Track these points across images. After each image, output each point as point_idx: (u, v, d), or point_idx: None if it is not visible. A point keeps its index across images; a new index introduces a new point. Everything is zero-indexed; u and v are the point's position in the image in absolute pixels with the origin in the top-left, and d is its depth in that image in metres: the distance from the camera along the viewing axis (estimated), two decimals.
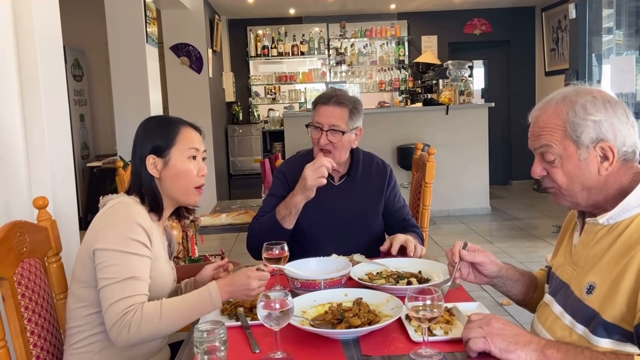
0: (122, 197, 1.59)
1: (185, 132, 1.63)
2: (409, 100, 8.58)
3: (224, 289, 1.46)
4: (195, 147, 1.63)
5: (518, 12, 8.66)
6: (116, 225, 1.49)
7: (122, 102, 5.04)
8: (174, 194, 1.63)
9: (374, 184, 2.21)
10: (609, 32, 4.92)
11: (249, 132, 8.63)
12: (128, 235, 1.47)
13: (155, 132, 1.62)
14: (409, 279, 1.70)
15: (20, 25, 2.15)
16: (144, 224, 1.51)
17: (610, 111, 1.26)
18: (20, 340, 1.44)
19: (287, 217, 2.01)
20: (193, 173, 1.62)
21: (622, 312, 1.17)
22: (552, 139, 1.29)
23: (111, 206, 1.54)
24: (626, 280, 1.17)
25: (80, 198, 6.02)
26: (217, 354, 0.97)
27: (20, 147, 2.10)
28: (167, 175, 1.60)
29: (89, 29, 6.91)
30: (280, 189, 2.18)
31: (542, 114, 1.32)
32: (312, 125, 2.10)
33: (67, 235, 2.17)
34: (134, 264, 1.46)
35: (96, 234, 1.49)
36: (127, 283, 1.43)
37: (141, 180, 1.61)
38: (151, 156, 1.59)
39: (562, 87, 1.36)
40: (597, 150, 1.26)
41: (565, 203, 1.36)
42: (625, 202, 1.24)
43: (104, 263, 1.45)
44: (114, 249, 1.45)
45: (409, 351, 1.27)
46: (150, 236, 1.52)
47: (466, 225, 6.17)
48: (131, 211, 1.52)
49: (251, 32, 8.93)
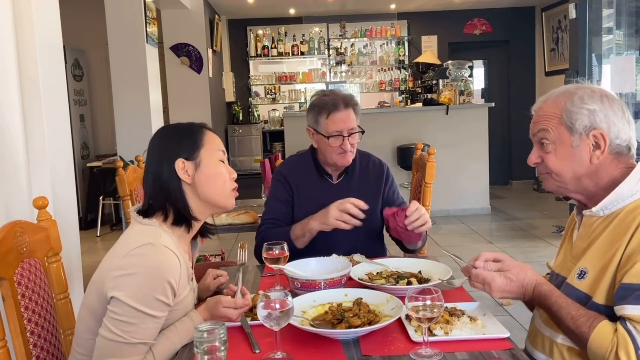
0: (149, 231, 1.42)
1: (209, 134, 1.52)
2: (409, 100, 8.59)
3: (204, 317, 1.45)
4: (222, 149, 1.53)
5: (518, 12, 8.67)
6: (143, 279, 1.33)
7: (122, 102, 5.04)
8: (212, 197, 1.49)
9: (371, 183, 2.22)
10: (609, 32, 4.91)
11: (249, 132, 8.63)
12: (154, 295, 1.33)
13: (178, 136, 1.49)
14: (409, 279, 1.70)
15: (20, 25, 2.15)
16: (174, 279, 1.37)
17: (606, 104, 1.33)
18: (20, 340, 1.44)
19: (301, 239, 2.02)
20: (226, 175, 1.51)
21: (609, 291, 1.24)
22: (549, 124, 1.37)
23: (139, 246, 1.36)
24: (613, 263, 1.24)
25: (80, 198, 6.02)
26: (217, 354, 0.96)
27: (20, 147, 2.10)
28: (200, 179, 1.46)
29: (89, 29, 6.91)
30: (283, 192, 2.19)
31: (543, 105, 1.41)
32: (332, 135, 2.08)
33: (67, 235, 2.17)
34: (148, 327, 1.34)
35: (119, 278, 1.34)
36: (132, 347, 1.33)
37: (168, 191, 1.45)
38: (180, 160, 1.45)
39: (582, 81, 1.42)
40: (589, 138, 1.33)
41: (552, 187, 1.42)
42: (619, 191, 1.30)
43: (117, 315, 1.32)
44: (134, 306, 1.32)
45: (409, 351, 1.27)
46: (177, 289, 1.39)
47: (466, 225, 6.17)
48: (164, 264, 1.36)
49: (251, 32, 8.94)
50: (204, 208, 1.51)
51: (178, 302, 1.43)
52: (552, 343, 1.38)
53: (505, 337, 1.32)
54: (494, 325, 1.37)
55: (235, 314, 1.45)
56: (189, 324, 1.44)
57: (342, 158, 2.11)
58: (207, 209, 1.52)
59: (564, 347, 1.34)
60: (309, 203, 2.12)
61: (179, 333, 1.42)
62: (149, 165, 1.50)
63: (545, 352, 1.40)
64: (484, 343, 1.30)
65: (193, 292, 1.60)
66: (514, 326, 3.08)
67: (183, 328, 1.43)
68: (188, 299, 1.51)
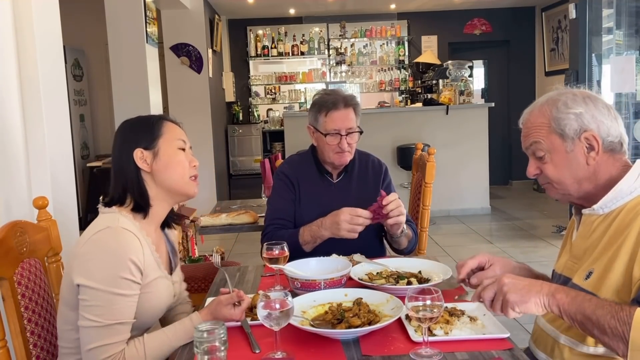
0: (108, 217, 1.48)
1: (168, 124, 1.58)
2: (409, 100, 8.59)
3: (206, 319, 1.45)
4: (182, 138, 1.58)
5: (518, 12, 8.66)
6: (104, 260, 1.39)
7: (122, 102, 5.03)
8: (172, 185, 1.55)
9: (370, 182, 2.23)
10: (609, 32, 4.91)
11: (249, 132, 8.62)
12: (118, 274, 1.38)
13: (137, 128, 1.56)
14: (409, 279, 1.70)
15: (20, 25, 2.15)
16: (136, 257, 1.42)
17: (590, 105, 1.34)
18: (20, 340, 1.44)
19: (310, 244, 2.03)
20: (185, 163, 1.56)
21: (617, 286, 1.23)
22: (539, 135, 1.38)
23: (98, 231, 1.42)
24: (620, 259, 1.23)
25: (80, 198, 6.02)
26: (217, 354, 0.96)
27: (20, 147, 2.10)
28: (158, 167, 1.52)
29: (89, 29, 6.91)
30: (287, 190, 2.20)
31: (529, 117, 1.42)
32: (330, 133, 2.10)
33: (67, 236, 2.17)
34: (120, 306, 1.38)
35: (81, 265, 1.40)
36: (110, 329, 1.36)
37: (125, 179, 1.52)
38: (139, 150, 1.51)
39: (562, 87, 1.41)
40: (582, 141, 1.34)
41: (557, 195, 1.42)
42: (617, 189, 1.30)
43: (88, 302, 1.37)
44: (100, 288, 1.36)
45: (409, 351, 1.27)
46: (141, 267, 1.43)
47: (466, 225, 6.17)
48: (122, 243, 1.41)
49: (251, 32, 8.93)
50: (165, 195, 1.56)
51: (148, 284, 1.47)
52: (555, 343, 1.38)
53: (505, 337, 1.32)
54: (494, 325, 1.37)
55: (237, 313, 1.44)
56: (187, 323, 1.44)
57: (339, 157, 2.12)
58: (168, 197, 1.58)
59: (565, 347, 1.34)
60: (309, 201, 2.15)
61: (176, 330, 1.44)
62: (112, 157, 1.57)
63: (547, 351, 1.41)
64: (484, 343, 1.30)
65: (172, 284, 1.61)
66: (514, 326, 3.08)
67: (180, 326, 1.45)
68: (161, 284, 1.53)
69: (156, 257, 1.54)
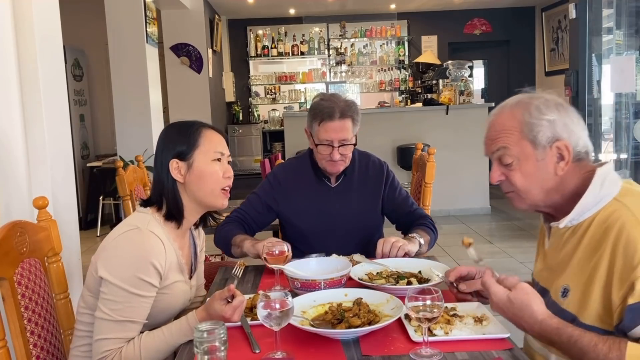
0: (140, 217, 1.54)
1: (208, 134, 1.58)
2: (409, 100, 8.59)
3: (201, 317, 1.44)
4: (219, 150, 1.58)
5: (518, 12, 8.67)
6: (128, 259, 1.44)
7: (122, 102, 5.04)
8: (201, 197, 1.57)
9: (371, 184, 2.20)
10: (609, 32, 4.92)
11: (249, 132, 8.63)
12: (138, 275, 1.43)
13: (176, 136, 1.57)
14: (409, 279, 1.70)
15: (20, 25, 2.15)
16: (158, 261, 1.46)
17: (562, 112, 1.29)
18: (20, 340, 1.44)
19: (238, 252, 2.01)
20: (218, 175, 1.56)
21: (599, 312, 1.20)
22: (509, 141, 1.30)
23: (127, 230, 1.48)
24: (597, 282, 1.19)
25: (80, 198, 6.02)
26: (217, 354, 0.96)
27: (20, 147, 2.10)
28: (191, 179, 1.55)
29: (89, 29, 6.91)
30: (267, 193, 2.18)
31: (497, 119, 1.34)
32: (322, 144, 2.05)
33: (67, 236, 2.18)
34: (135, 306, 1.43)
35: (106, 259, 1.46)
36: (121, 325, 1.42)
37: (163, 187, 1.56)
38: (174, 160, 1.54)
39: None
40: (553, 150, 1.28)
41: (523, 206, 1.36)
42: (583, 202, 1.25)
43: (106, 295, 1.43)
44: (119, 285, 1.42)
45: (409, 351, 1.27)
46: (162, 272, 1.48)
47: (466, 225, 6.17)
48: (147, 246, 1.46)
49: (251, 32, 8.94)
50: (196, 206, 1.60)
51: (166, 286, 1.51)
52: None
53: (505, 337, 1.32)
54: (494, 325, 1.37)
55: (228, 310, 1.39)
56: (184, 322, 1.45)
57: (330, 166, 2.09)
58: (198, 208, 1.61)
59: None
60: (307, 207, 2.11)
61: (172, 329, 1.44)
62: (154, 161, 1.60)
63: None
64: (484, 343, 1.30)
65: (190, 288, 1.64)
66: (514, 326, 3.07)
67: (177, 325, 1.45)
68: (179, 288, 1.57)
69: (180, 262, 1.59)
